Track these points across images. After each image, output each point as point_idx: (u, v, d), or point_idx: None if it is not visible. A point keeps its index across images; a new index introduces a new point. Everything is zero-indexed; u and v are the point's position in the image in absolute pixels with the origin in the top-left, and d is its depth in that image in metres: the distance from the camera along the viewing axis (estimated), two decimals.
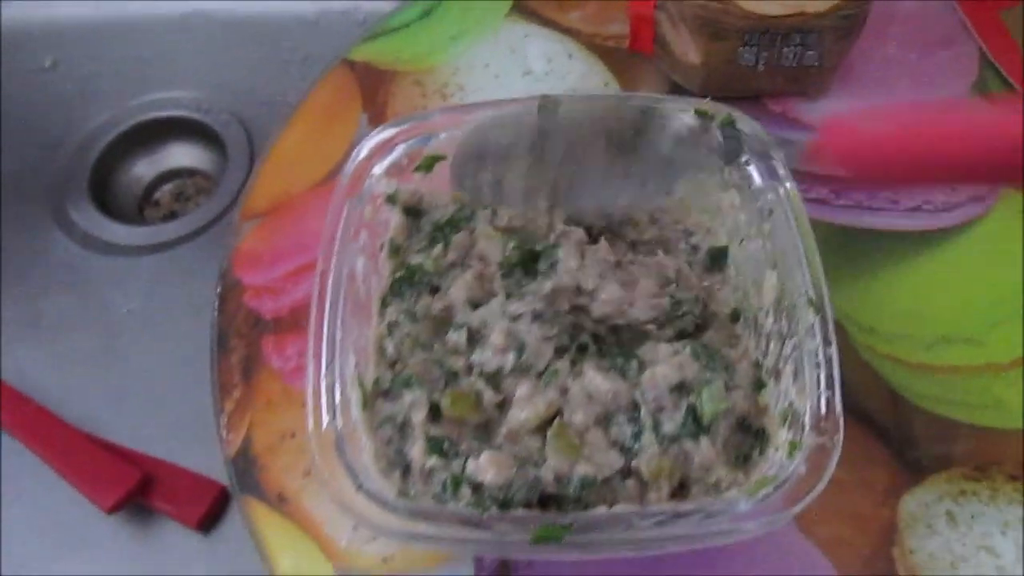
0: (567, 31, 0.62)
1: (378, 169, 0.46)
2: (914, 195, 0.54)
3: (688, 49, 0.56)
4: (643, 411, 0.40)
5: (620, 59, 0.61)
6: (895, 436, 0.47)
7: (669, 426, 0.40)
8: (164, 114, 0.74)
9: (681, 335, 0.44)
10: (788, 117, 0.58)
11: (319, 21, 0.78)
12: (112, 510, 0.52)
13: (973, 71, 0.59)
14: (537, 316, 0.42)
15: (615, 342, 0.44)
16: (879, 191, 0.54)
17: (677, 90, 0.59)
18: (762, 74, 0.56)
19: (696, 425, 0.40)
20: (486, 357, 0.42)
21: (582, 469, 0.38)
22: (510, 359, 0.42)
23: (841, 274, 0.50)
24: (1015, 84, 0.57)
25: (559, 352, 0.43)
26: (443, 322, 0.44)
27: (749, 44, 0.54)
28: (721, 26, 0.53)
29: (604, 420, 0.40)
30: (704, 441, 0.39)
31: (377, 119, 0.60)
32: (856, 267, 0.52)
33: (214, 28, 0.79)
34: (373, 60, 0.62)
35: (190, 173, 0.74)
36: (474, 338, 0.43)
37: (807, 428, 0.37)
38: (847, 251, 0.52)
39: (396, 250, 0.47)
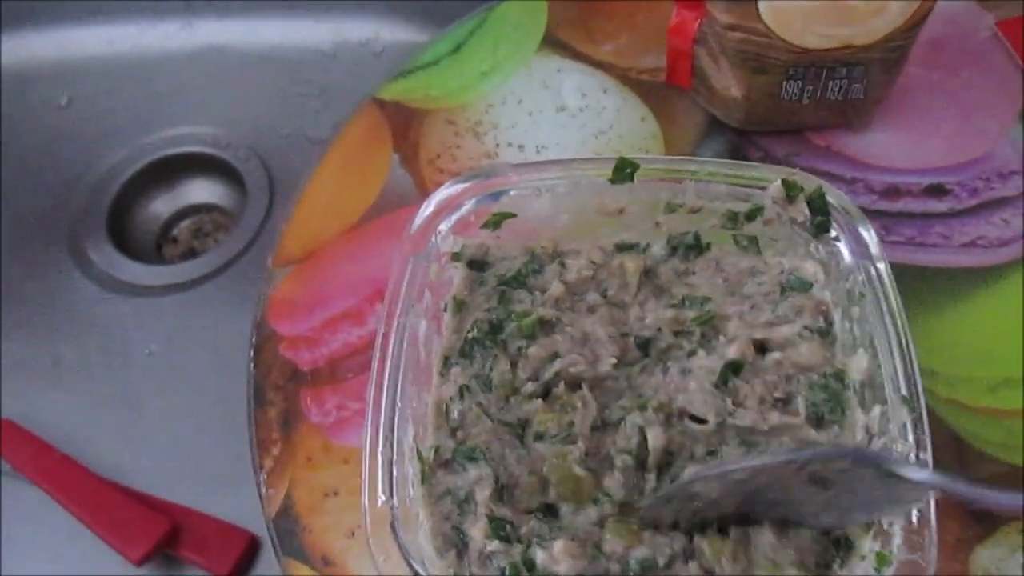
0: (600, 65, 0.61)
1: (444, 226, 0.44)
2: (967, 230, 0.52)
3: (729, 83, 0.54)
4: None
5: (656, 93, 0.60)
6: None
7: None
8: (181, 150, 0.73)
9: None
10: (832, 150, 0.56)
11: (337, 53, 0.77)
12: (141, 562, 0.51)
13: (1018, 98, 0.57)
14: None
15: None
16: None
17: (715, 124, 0.58)
18: (806, 107, 0.54)
19: None
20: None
21: (640, 552, 0.36)
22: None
23: None
24: None
25: None
26: (516, 391, 0.42)
27: (793, 78, 0.52)
28: (765, 60, 0.51)
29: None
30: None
31: (409, 159, 0.58)
32: (913, 307, 0.50)
33: (230, 62, 0.78)
34: (403, 98, 0.61)
35: (208, 209, 0.73)
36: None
37: (898, 540, 0.35)
38: (902, 290, 0.51)
39: (459, 306, 0.45)
